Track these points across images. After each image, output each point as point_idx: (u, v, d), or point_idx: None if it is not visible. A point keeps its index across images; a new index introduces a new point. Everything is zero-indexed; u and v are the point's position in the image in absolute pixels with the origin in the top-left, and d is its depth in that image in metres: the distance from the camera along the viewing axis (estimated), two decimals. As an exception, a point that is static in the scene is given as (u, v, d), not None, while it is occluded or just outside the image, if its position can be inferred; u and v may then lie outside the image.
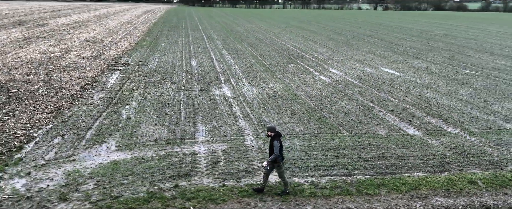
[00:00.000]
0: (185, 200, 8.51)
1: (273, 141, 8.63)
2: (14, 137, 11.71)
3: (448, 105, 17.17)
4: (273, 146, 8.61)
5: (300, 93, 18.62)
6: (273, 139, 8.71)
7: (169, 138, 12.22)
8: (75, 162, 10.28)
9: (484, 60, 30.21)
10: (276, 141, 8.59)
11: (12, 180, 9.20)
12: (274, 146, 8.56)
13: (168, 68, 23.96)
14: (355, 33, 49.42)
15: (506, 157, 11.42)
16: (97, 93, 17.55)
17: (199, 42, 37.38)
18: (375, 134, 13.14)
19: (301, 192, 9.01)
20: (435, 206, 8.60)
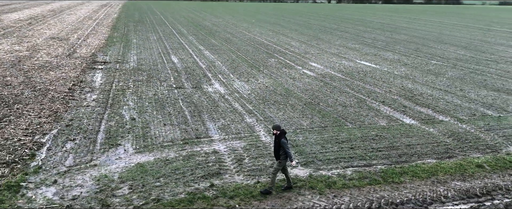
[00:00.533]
0: (228, 199, 8.65)
1: (280, 140, 8.73)
2: (21, 144, 11.09)
3: (430, 94, 18.43)
4: (281, 144, 8.70)
5: (292, 88, 19.07)
6: (279, 137, 8.79)
7: (185, 137, 12.16)
8: (98, 167, 10.00)
9: (446, 51, 32.42)
10: (283, 139, 8.73)
11: (40, 189, 8.80)
12: (283, 144, 8.67)
13: (151, 65, 23.42)
14: (322, 27, 50.75)
15: (498, 141, 12.61)
16: (88, 94, 16.88)
17: (171, 37, 36.65)
18: (377, 125, 13.90)
19: (333, 184, 9.46)
20: (456, 189, 9.43)
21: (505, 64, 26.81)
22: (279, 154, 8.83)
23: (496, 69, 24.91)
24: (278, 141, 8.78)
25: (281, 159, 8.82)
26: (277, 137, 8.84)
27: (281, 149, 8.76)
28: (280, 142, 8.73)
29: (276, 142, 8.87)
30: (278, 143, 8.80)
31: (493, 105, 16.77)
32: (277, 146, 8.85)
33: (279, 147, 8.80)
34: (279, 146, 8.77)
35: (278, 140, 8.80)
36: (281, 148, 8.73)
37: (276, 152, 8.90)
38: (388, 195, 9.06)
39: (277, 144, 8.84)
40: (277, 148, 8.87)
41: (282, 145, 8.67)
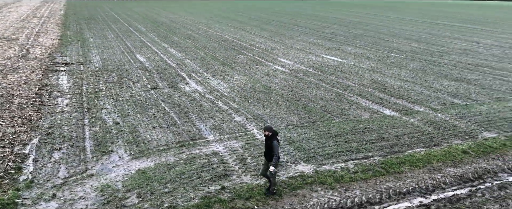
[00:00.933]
0: (244, 200, 8.53)
1: (272, 142, 8.44)
2: (0, 157, 10.09)
3: (400, 86, 19.41)
4: (272, 146, 8.40)
5: (269, 84, 19.16)
6: (270, 139, 8.50)
7: (179, 140, 11.78)
8: (96, 176, 9.39)
9: (401, 44, 34.25)
10: (275, 141, 8.44)
11: (39, 205, 8.10)
12: (274, 146, 8.37)
13: (118, 66, 22.32)
14: (281, 23, 51.30)
15: (473, 128, 13.61)
16: (58, 98, 15.73)
17: (130, 35, 35.14)
18: (362, 118, 14.41)
19: (341, 178, 9.68)
20: (451, 175, 10.06)
21: (456, 55, 28.89)
22: (272, 155, 8.48)
23: (449, 60, 26.77)
24: (270, 142, 8.49)
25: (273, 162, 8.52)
26: (268, 139, 8.55)
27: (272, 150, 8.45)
28: (271, 144, 8.43)
29: (267, 143, 8.59)
30: (269, 145, 8.52)
31: (458, 94, 18.05)
32: (267, 147, 8.60)
33: (270, 149, 8.51)
34: (270, 147, 8.49)
35: (269, 142, 8.51)
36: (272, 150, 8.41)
37: (268, 154, 8.63)
38: (393, 185, 9.46)
39: (268, 146, 8.57)
40: (267, 150, 8.61)
41: (273, 147, 8.38)
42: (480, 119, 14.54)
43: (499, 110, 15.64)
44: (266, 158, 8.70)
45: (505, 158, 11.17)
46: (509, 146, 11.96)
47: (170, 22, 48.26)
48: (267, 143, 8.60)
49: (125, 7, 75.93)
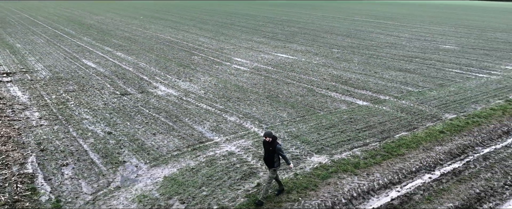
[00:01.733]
0: (286, 194, 8.90)
1: (274, 146, 8.33)
2: (3, 179, 8.97)
3: (357, 78, 21.17)
4: (277, 150, 8.31)
5: (239, 83, 19.45)
6: (271, 144, 8.37)
7: (188, 144, 11.59)
8: (124, 188, 8.93)
9: (337, 40, 36.87)
10: (278, 145, 8.37)
11: (82, 224, 7.53)
12: (279, 149, 8.31)
13: (70, 73, 20.59)
14: (217, 22, 51.27)
15: (435, 111, 15.61)
16: (25, 112, 14.17)
17: (61, 40, 32.28)
18: (342, 109, 15.57)
19: (358, 164, 10.56)
20: (442, 152, 11.59)
21: (387, 48, 32.13)
22: (273, 160, 8.40)
23: (385, 53, 29.70)
24: (272, 148, 8.36)
25: (275, 166, 8.46)
26: (269, 144, 8.41)
27: (276, 155, 8.39)
28: (274, 149, 8.33)
29: (268, 149, 8.42)
30: (271, 150, 8.37)
31: (408, 83, 20.34)
32: (269, 153, 8.42)
33: (272, 154, 8.37)
34: (272, 153, 8.36)
35: (271, 147, 8.38)
36: (276, 154, 8.37)
37: (269, 159, 8.45)
38: (403, 166, 10.63)
39: (269, 151, 8.40)
40: (269, 155, 8.43)
41: (279, 151, 8.33)
42: (437, 103, 16.71)
43: (446, 94, 18.09)
44: (267, 163, 8.53)
45: (474, 134, 13.16)
46: (471, 124, 14.06)
47: (99, 24, 45.21)
48: (268, 149, 8.43)
49: (37, 9, 68.81)
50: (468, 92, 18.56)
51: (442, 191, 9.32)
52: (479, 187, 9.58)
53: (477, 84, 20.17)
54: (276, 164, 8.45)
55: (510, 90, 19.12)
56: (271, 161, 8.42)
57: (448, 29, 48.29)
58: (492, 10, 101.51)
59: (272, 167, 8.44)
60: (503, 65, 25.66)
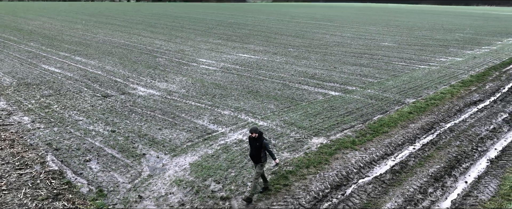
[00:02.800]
0: (305, 168, 10.03)
1: (261, 142, 8.38)
2: (31, 177, 8.93)
3: (322, 73, 23.01)
4: (264, 145, 8.37)
5: (216, 81, 20.19)
6: (258, 140, 8.39)
7: (197, 136, 12.24)
8: (157, 176, 9.42)
9: (288, 40, 38.88)
10: (265, 140, 8.45)
11: (135, 207, 7.94)
12: (266, 145, 8.37)
13: (37, 78, 19.74)
14: (167, 26, 50.75)
15: (397, 97, 17.80)
16: (13, 117, 13.63)
17: (5, 45, 30.17)
18: (320, 99, 17.12)
19: (354, 142, 12.03)
20: (417, 128, 13.55)
21: (336, 47, 34.79)
22: (260, 156, 8.45)
23: (336, 51, 32.20)
24: (258, 144, 8.38)
25: (262, 162, 8.51)
26: (256, 140, 8.42)
27: (262, 151, 8.44)
28: (261, 144, 8.36)
29: (255, 145, 8.42)
30: (257, 146, 8.39)
31: (367, 75, 22.63)
32: (256, 149, 8.42)
33: (259, 150, 8.40)
34: (259, 148, 8.39)
35: (257, 143, 8.39)
36: (263, 149, 8.42)
37: (255, 155, 8.47)
38: (390, 140, 12.35)
39: (256, 147, 8.41)
40: (256, 151, 8.44)
41: (266, 146, 8.38)
42: (396, 90, 19.01)
43: (401, 83, 20.57)
44: (253, 159, 8.57)
45: (435, 113, 15.44)
46: (430, 105, 16.40)
47: (40, 29, 42.55)
48: (255, 144, 8.40)
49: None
50: (418, 80, 21.26)
51: (428, 157, 11.14)
52: (454, 152, 11.59)
53: (423, 74, 23.09)
54: (263, 159, 8.47)
55: (451, 77, 22.24)
56: (258, 156, 8.42)
57: (382, 29, 53.07)
58: (412, 12, 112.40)
59: (259, 163, 8.47)
60: (437, 58, 29.37)
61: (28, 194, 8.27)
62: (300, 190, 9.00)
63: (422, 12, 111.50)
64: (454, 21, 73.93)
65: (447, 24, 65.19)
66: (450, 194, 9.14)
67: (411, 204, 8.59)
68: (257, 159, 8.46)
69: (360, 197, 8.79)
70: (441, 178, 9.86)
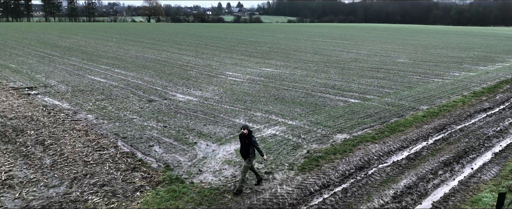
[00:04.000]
0: (331, 155, 11.84)
1: (250, 139, 9.16)
2: (113, 161, 11.01)
3: (341, 84, 24.89)
4: (252, 142, 9.14)
5: (245, 90, 22.28)
6: (248, 137, 9.16)
7: (237, 130, 14.21)
8: (210, 158, 11.39)
9: (306, 56, 41.01)
10: (254, 138, 9.23)
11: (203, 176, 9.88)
12: (254, 142, 9.17)
13: (88, 86, 22.25)
14: (192, 44, 53.76)
15: (412, 104, 19.49)
16: (79, 115, 15.92)
17: (51, 59, 33.17)
18: (341, 105, 18.95)
19: (373, 137, 13.79)
20: (430, 128, 15.21)
21: (353, 62, 36.70)
22: (249, 152, 9.22)
23: (353, 66, 34.09)
24: (247, 141, 9.14)
25: (250, 157, 9.25)
26: (246, 137, 9.17)
27: (251, 147, 9.18)
28: (250, 141, 9.12)
29: (244, 141, 9.19)
30: (246, 143, 9.16)
31: (384, 86, 24.39)
32: (245, 145, 9.18)
33: (248, 146, 9.17)
34: (248, 145, 9.15)
35: (247, 140, 9.14)
36: (251, 146, 9.18)
37: (245, 151, 9.23)
38: (406, 137, 14.06)
39: (245, 144, 9.18)
40: (245, 147, 9.20)
41: (254, 144, 9.14)
42: (411, 99, 20.70)
43: (416, 93, 22.25)
44: (242, 155, 9.38)
45: (447, 117, 17.09)
46: (443, 111, 18.05)
47: (76, 46, 45.95)
48: (244, 141, 9.21)
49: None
50: (432, 91, 22.91)
51: (439, 150, 12.82)
52: (462, 146, 13.23)
53: (436, 86, 24.73)
54: (251, 155, 9.25)
55: (463, 89, 23.81)
56: (246, 152, 9.24)
57: (397, 47, 54.83)
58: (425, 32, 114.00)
59: (247, 158, 9.29)
60: (451, 72, 30.93)
61: (111, 167, 10.32)
62: (330, 169, 10.81)
63: (437, 32, 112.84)
64: (469, 40, 75.17)
65: (462, 43, 66.54)
66: (457, 176, 10.79)
67: (423, 181, 10.28)
68: (246, 155, 9.29)
69: (380, 176, 10.54)
70: (450, 164, 11.53)
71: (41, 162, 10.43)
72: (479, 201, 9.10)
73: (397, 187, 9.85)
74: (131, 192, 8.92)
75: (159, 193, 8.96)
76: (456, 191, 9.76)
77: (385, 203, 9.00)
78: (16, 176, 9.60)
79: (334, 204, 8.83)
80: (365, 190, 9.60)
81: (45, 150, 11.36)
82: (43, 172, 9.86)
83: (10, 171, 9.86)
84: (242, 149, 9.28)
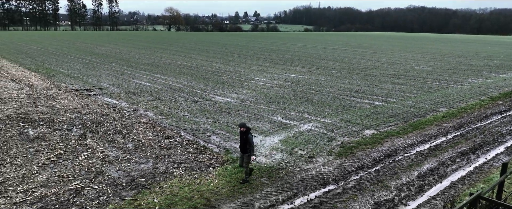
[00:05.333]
0: (362, 145, 13.83)
1: (247, 136, 10.04)
2: (177, 143, 13.28)
3: (364, 89, 26.79)
4: (248, 139, 10.02)
5: (276, 94, 24.43)
6: (245, 134, 10.03)
7: (277, 125, 16.37)
8: (260, 145, 13.50)
9: (328, 64, 43.02)
10: (250, 135, 10.08)
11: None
12: (250, 139, 10.02)
13: (136, 88, 24.83)
14: (218, 52, 56.56)
15: (432, 107, 21.26)
16: (140, 112, 18.34)
17: (94, 65, 36.19)
18: (366, 107, 20.88)
19: (398, 133, 15.71)
20: (450, 126, 17.01)
21: (374, 69, 38.49)
22: (246, 148, 10.19)
23: (374, 72, 35.93)
24: (245, 137, 10.07)
25: (249, 152, 10.21)
26: (244, 134, 10.10)
27: (248, 143, 10.10)
28: (246, 138, 10.03)
29: (242, 138, 10.13)
30: (244, 139, 10.09)
31: (404, 91, 26.20)
32: (243, 141, 10.15)
33: (245, 142, 10.11)
34: (246, 141, 10.09)
35: (244, 136, 10.09)
36: (247, 142, 10.08)
37: (242, 146, 10.21)
38: (427, 133, 15.93)
39: (243, 140, 10.13)
40: (243, 143, 10.17)
41: (249, 140, 10.02)
42: (431, 102, 22.48)
43: (436, 98, 24.00)
44: (241, 150, 10.31)
45: (465, 118, 18.85)
46: (461, 112, 19.80)
47: (113, 53, 49.23)
48: (242, 137, 10.14)
49: (36, 40, 71.24)
50: (451, 96, 24.61)
51: (457, 143, 14.67)
52: (478, 141, 15.04)
53: (455, 91, 26.39)
54: (249, 150, 10.15)
55: (481, 94, 25.41)
56: (244, 147, 10.22)
57: (416, 56, 56.29)
58: (444, 41, 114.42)
59: (246, 153, 10.26)
60: (470, 79, 32.45)
61: (183, 150, 12.58)
62: (362, 156, 12.83)
63: (456, 41, 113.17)
64: (489, 49, 75.78)
65: (481, 52, 67.38)
66: (473, 164, 12.64)
67: (443, 166, 12.18)
68: (244, 150, 10.26)
69: (406, 161, 12.49)
70: (467, 154, 13.38)
71: (125, 146, 12.78)
72: (491, 180, 10.96)
73: (421, 170, 11.79)
74: (205, 168, 11.13)
75: (228, 168, 11.14)
76: (472, 174, 11.63)
77: (411, 181, 10.95)
78: (110, 155, 11.95)
79: (369, 179, 10.85)
80: (394, 171, 11.58)
81: (124, 138, 13.73)
82: (130, 153, 12.20)
83: (104, 152, 12.23)
84: (241, 144, 10.21)
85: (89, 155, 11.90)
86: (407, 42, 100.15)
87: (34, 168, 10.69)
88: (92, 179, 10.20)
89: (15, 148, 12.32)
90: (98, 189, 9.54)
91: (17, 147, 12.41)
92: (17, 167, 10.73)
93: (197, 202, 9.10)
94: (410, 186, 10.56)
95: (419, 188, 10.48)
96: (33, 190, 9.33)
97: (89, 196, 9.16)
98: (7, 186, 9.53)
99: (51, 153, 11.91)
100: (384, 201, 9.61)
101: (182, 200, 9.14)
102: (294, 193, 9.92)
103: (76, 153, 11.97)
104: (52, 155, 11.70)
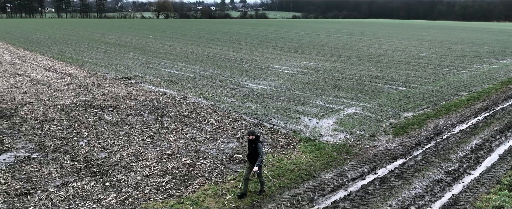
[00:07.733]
0: (411, 126, 15.43)
1: (256, 144, 8.97)
2: (263, 130, 14.61)
3: (383, 76, 28.40)
4: (257, 148, 8.94)
5: (303, 80, 25.79)
6: (255, 142, 8.96)
7: (324, 109, 17.82)
8: (320, 127, 14.95)
9: (335, 51, 44.49)
10: (260, 144, 9.02)
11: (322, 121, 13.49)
12: (259, 148, 8.95)
13: (170, 77, 25.83)
14: (225, 40, 57.35)
15: (453, 91, 23.01)
16: (191, 98, 19.51)
17: (113, 54, 36.79)
18: (393, 92, 22.49)
19: (436, 114, 17.36)
20: (476, 109, 18.76)
21: (381, 57, 40.16)
22: (256, 157, 9.00)
23: (383, 60, 37.60)
24: (254, 146, 8.98)
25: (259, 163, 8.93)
26: (253, 142, 8.98)
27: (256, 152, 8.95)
28: (256, 147, 8.95)
29: (251, 146, 9.02)
30: (253, 148, 8.99)
31: (421, 77, 27.94)
32: (252, 150, 9.02)
33: (255, 151, 8.98)
34: (255, 150, 8.98)
35: (253, 145, 8.98)
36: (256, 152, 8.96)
37: (251, 155, 9.08)
38: (462, 114, 17.67)
39: (252, 149, 9.01)
40: (252, 152, 9.03)
41: (258, 149, 8.95)
42: (450, 87, 24.27)
43: (452, 82, 25.82)
44: (250, 160, 9.16)
45: (487, 100, 20.72)
46: (482, 96, 21.67)
47: (122, 42, 49.62)
48: (251, 146, 9.02)
49: (41, 29, 70.44)
50: (465, 81, 26.48)
51: (491, 122, 16.47)
52: (507, 120, 16.87)
53: (467, 76, 28.31)
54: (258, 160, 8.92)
55: (491, 79, 27.39)
56: (254, 158, 9.03)
57: (415, 42, 58.32)
58: (434, 28, 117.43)
59: (255, 163, 8.95)
60: (475, 65, 34.48)
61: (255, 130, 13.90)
62: (415, 134, 14.48)
63: (446, 28, 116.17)
64: (479, 36, 78.56)
65: (473, 38, 69.97)
66: (511, 140, 14.39)
67: (488, 142, 13.92)
68: (252, 159, 9.11)
69: (455, 138, 14.19)
70: (504, 132, 15.19)
71: (203, 128, 14.06)
72: (533, 152, 12.73)
73: (470, 145, 13.50)
74: (286, 146, 12.55)
75: (307, 146, 12.59)
76: (513, 148, 13.40)
77: (466, 154, 12.63)
78: (196, 136, 13.23)
79: (432, 153, 12.52)
80: (449, 146, 13.25)
81: (196, 121, 14.99)
82: (211, 134, 13.50)
83: (187, 133, 13.48)
84: (249, 153, 9.13)
85: (177, 136, 13.14)
86: (401, 29, 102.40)
87: (138, 148, 11.89)
88: (196, 156, 11.48)
89: (106, 131, 13.45)
90: (207, 164, 10.85)
91: (107, 130, 13.54)
92: (122, 148, 11.91)
93: (299, 173, 10.54)
94: (468, 158, 12.24)
95: (476, 159, 12.17)
96: (153, 166, 10.58)
97: (206, 169, 10.47)
98: (127, 163, 10.74)
99: (143, 135, 13.11)
100: (452, 170, 11.24)
101: (286, 171, 10.57)
102: (374, 166, 11.46)
103: (164, 135, 13.20)
104: (145, 137, 12.91)
